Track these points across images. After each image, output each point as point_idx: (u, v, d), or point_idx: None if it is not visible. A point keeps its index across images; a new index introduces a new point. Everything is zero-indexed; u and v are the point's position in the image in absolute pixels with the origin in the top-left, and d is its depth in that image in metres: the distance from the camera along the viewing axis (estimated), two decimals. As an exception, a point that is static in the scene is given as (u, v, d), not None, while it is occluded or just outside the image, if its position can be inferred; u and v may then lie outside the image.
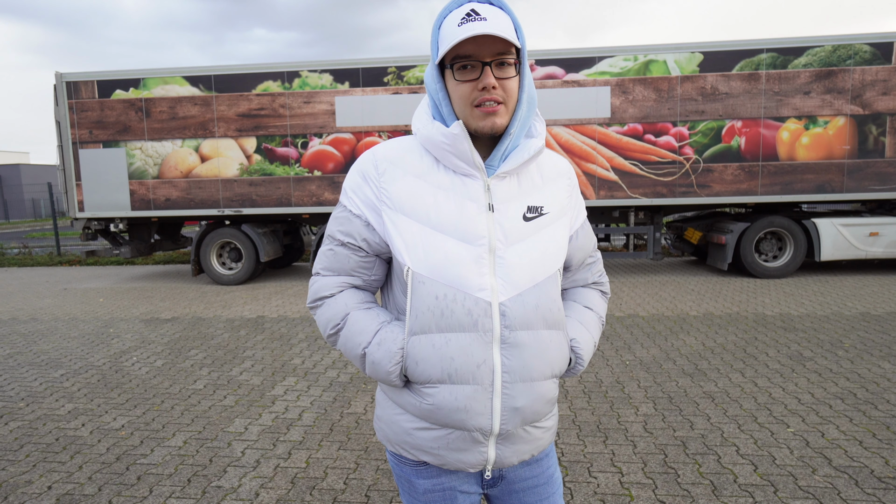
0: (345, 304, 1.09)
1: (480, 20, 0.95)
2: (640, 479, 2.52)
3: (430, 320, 1.00)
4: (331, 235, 1.10)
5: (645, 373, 3.88)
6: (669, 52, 7.03)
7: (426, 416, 1.04)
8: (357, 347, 1.07)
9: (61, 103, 7.71)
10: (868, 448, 2.72)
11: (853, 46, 6.81)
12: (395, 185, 1.04)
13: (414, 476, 1.11)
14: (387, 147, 1.08)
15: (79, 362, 4.48)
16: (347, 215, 1.08)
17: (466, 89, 0.98)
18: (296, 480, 2.60)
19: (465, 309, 0.99)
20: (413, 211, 1.02)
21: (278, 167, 7.62)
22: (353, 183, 1.09)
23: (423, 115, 1.07)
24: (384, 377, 1.05)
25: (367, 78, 7.37)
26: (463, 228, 1.01)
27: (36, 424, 3.28)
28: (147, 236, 8.58)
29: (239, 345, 4.87)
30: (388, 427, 1.12)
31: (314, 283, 1.13)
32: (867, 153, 6.97)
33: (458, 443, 1.04)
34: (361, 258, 1.09)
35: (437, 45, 1.01)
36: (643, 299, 6.28)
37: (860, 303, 5.76)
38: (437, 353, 1.00)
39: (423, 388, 1.03)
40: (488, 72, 0.97)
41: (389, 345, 1.03)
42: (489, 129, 1.00)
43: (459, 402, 1.00)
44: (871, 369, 3.79)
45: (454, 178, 1.04)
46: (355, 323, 1.07)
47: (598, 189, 7.33)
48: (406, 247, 1.02)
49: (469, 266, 0.99)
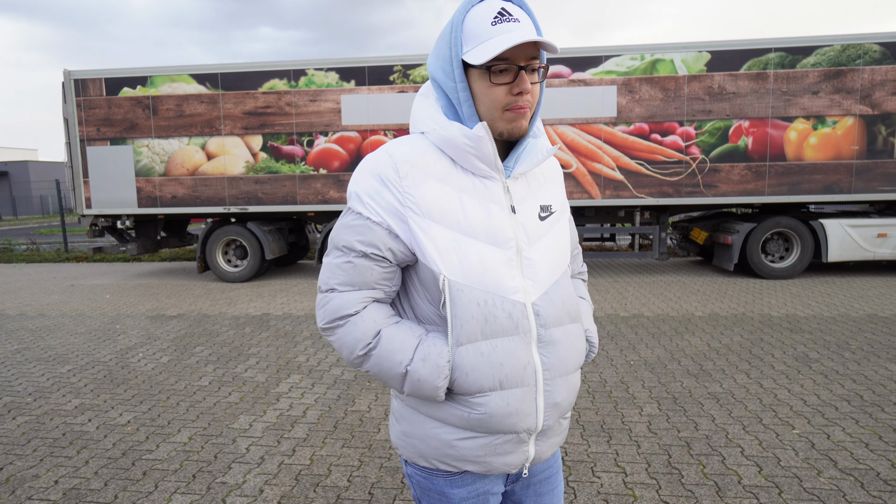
0: (374, 321, 1.01)
1: (514, 21, 0.94)
2: (643, 480, 2.51)
3: (475, 328, 0.97)
4: (347, 247, 1.01)
5: (649, 373, 3.87)
6: (676, 51, 6.99)
7: (474, 427, 1.01)
8: (397, 366, 0.99)
9: (69, 101, 7.76)
10: (874, 450, 2.70)
11: (862, 46, 6.75)
12: (420, 189, 0.98)
13: (448, 487, 1.07)
14: (402, 148, 1.01)
15: (85, 358, 4.51)
16: (366, 223, 0.99)
17: (501, 93, 0.96)
18: (300, 477, 2.61)
19: (505, 313, 0.99)
20: (442, 216, 0.98)
21: (284, 165, 7.64)
22: (368, 188, 1.00)
23: (433, 113, 1.02)
24: (430, 394, 0.99)
25: (372, 76, 7.38)
26: (492, 232, 0.99)
27: (43, 419, 3.31)
28: (153, 233, 8.64)
29: (244, 342, 4.89)
30: (423, 443, 1.06)
31: (330, 301, 1.02)
32: (876, 154, 6.91)
33: (505, 446, 1.03)
34: (384, 269, 1.01)
35: (461, 41, 0.96)
36: (648, 299, 6.26)
37: (867, 304, 5.71)
38: (486, 361, 0.98)
39: (473, 399, 0.99)
40: (524, 76, 0.95)
41: (436, 359, 0.98)
42: (517, 133, 0.99)
43: (511, 407, 1.00)
44: (878, 371, 3.77)
45: (474, 180, 1.01)
46: (391, 340, 1.00)
47: (604, 188, 7.30)
48: (439, 254, 0.97)
49: (502, 269, 0.99)
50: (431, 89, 1.05)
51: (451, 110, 1.01)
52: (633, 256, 7.91)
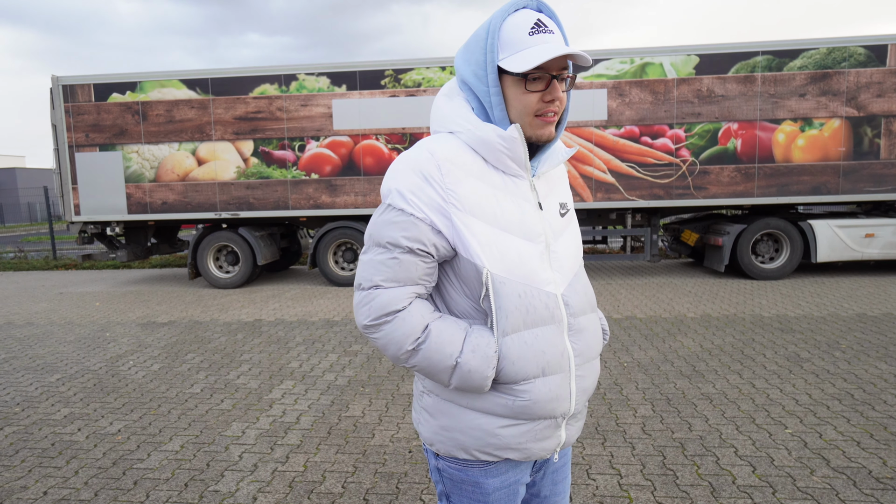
0: (421, 316, 1.03)
1: (549, 32, 1.01)
2: (638, 481, 2.51)
3: (518, 319, 1.03)
4: (392, 243, 1.02)
5: (643, 374, 3.88)
6: (665, 54, 7.06)
7: (518, 414, 1.06)
8: (447, 359, 1.02)
9: (57, 107, 7.69)
10: (866, 449, 2.73)
11: (848, 49, 6.85)
12: (461, 186, 1.02)
13: (482, 477, 1.10)
14: (443, 146, 1.04)
15: (75, 366, 4.45)
16: (410, 220, 1.01)
17: (533, 99, 1.02)
18: (294, 484, 2.59)
19: (542, 303, 1.05)
20: (482, 212, 1.03)
21: (275, 170, 7.61)
22: (410, 184, 1.02)
23: (466, 113, 1.06)
24: (478, 384, 1.02)
25: (364, 81, 7.38)
26: (526, 227, 1.06)
27: (31, 429, 3.26)
28: (144, 240, 8.56)
29: (236, 348, 4.86)
30: (464, 434, 1.08)
31: (376, 298, 1.03)
32: (862, 155, 7.01)
33: (544, 431, 1.09)
34: (428, 265, 1.04)
35: (497, 47, 1.01)
36: (640, 301, 6.29)
37: (857, 304, 5.78)
38: (530, 349, 1.04)
39: (517, 386, 1.05)
40: (556, 86, 1.02)
41: (484, 349, 1.02)
42: (546, 138, 1.06)
43: (553, 392, 1.06)
44: (868, 370, 3.80)
45: (505, 178, 1.07)
46: (441, 333, 1.03)
47: (596, 191, 7.34)
48: (482, 249, 1.02)
49: (536, 262, 1.06)
50: (456, 90, 1.09)
51: (482, 112, 1.06)
52: (624, 258, 7.95)
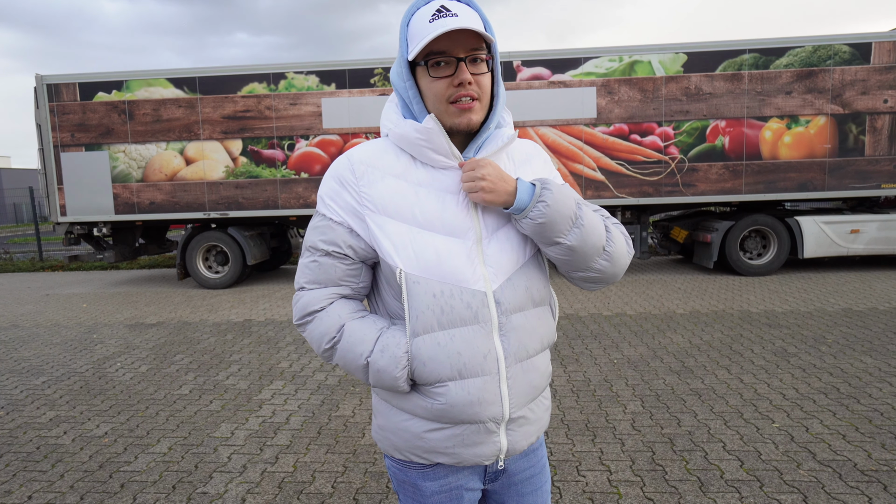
0: (338, 316, 1.06)
1: (451, 16, 0.96)
2: (628, 477, 2.53)
3: (430, 319, 0.99)
4: (312, 247, 1.07)
5: (633, 371, 3.90)
6: (654, 52, 7.09)
7: (438, 417, 1.03)
8: (358, 358, 1.03)
9: (42, 106, 7.58)
10: (851, 442, 2.76)
11: (833, 47, 6.93)
12: (375, 187, 1.02)
13: (420, 479, 1.09)
14: (361, 150, 1.07)
15: (61, 369, 4.40)
16: (328, 223, 1.05)
17: (441, 86, 0.98)
18: (283, 485, 2.57)
19: (463, 303, 1.00)
20: (397, 212, 1.01)
21: (265, 169, 7.56)
22: (329, 190, 1.06)
23: (391, 114, 1.07)
24: (390, 384, 1.02)
25: (353, 79, 7.34)
26: (449, 223, 1.01)
27: (16, 433, 3.22)
28: (131, 240, 8.47)
29: (225, 349, 4.82)
30: (395, 435, 1.08)
31: (300, 299, 1.08)
32: (847, 152, 7.09)
33: (473, 437, 1.04)
34: (348, 266, 1.06)
35: (407, 42, 1.00)
36: (630, 298, 6.32)
37: (842, 299, 5.85)
38: (443, 350, 1.00)
39: (433, 389, 1.02)
40: (463, 68, 0.97)
41: (393, 350, 1.01)
42: (465, 126, 1.01)
43: (472, 396, 1.01)
44: (853, 364, 3.85)
45: (433, 172, 1.04)
46: (353, 333, 1.04)
47: (585, 189, 7.36)
48: (395, 249, 1.00)
49: (461, 259, 1.00)
50: (394, 93, 1.10)
51: (407, 111, 1.05)
52: (615, 256, 7.97)
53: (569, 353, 4.37)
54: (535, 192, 1.00)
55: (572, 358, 4.24)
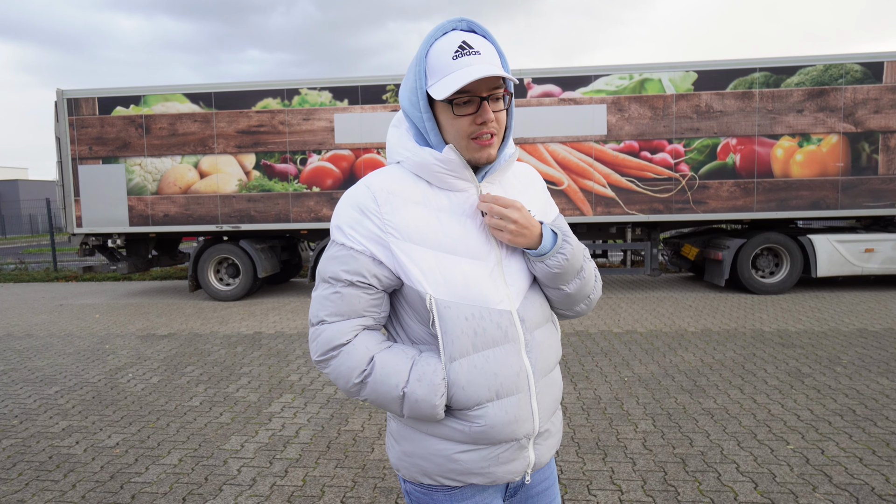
0: (366, 348, 1.02)
1: (475, 54, 0.98)
2: (639, 497, 2.49)
3: (465, 342, 1.00)
4: (333, 278, 1.03)
5: (643, 389, 3.86)
6: (664, 70, 7.14)
7: (477, 439, 1.02)
8: (393, 390, 1.00)
9: (62, 119, 7.76)
10: (868, 465, 2.71)
11: (844, 66, 6.93)
12: (399, 214, 1.02)
13: (447, 501, 1.08)
14: (380, 178, 1.05)
15: (74, 379, 4.44)
16: (349, 253, 1.02)
17: (464, 123, 1.00)
18: (292, 499, 2.57)
19: (493, 323, 1.01)
20: (422, 238, 1.01)
21: (277, 183, 7.65)
22: (348, 219, 1.03)
23: (406, 142, 1.06)
24: (428, 413, 1.00)
25: (366, 95, 7.45)
26: (472, 246, 1.03)
27: (29, 442, 3.25)
28: (145, 252, 8.58)
29: (236, 361, 4.84)
30: (426, 461, 1.06)
31: (322, 333, 1.04)
32: (860, 170, 7.05)
33: (508, 454, 1.05)
34: (371, 296, 1.03)
35: (426, 73, 1.00)
36: (641, 315, 6.28)
37: (857, 319, 5.77)
38: (480, 373, 1.00)
39: (472, 412, 1.01)
40: (486, 107, 0.98)
41: (431, 377, 0.99)
42: (485, 160, 1.03)
43: (510, 415, 1.02)
44: (869, 385, 3.79)
45: (451, 196, 1.05)
46: (385, 365, 1.01)
47: (595, 205, 7.37)
48: (423, 275, 1.00)
49: (486, 281, 1.02)
50: (402, 119, 1.09)
51: (421, 138, 1.05)
52: (625, 272, 7.95)
53: (579, 370, 4.34)
54: (557, 243, 1.05)
55: (582, 375, 4.21)
